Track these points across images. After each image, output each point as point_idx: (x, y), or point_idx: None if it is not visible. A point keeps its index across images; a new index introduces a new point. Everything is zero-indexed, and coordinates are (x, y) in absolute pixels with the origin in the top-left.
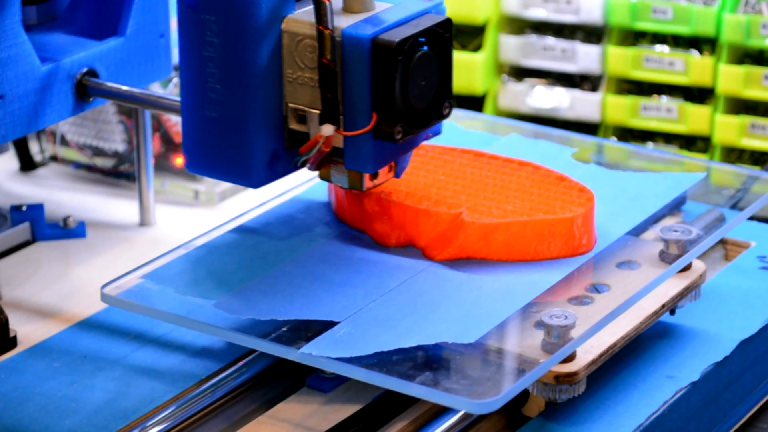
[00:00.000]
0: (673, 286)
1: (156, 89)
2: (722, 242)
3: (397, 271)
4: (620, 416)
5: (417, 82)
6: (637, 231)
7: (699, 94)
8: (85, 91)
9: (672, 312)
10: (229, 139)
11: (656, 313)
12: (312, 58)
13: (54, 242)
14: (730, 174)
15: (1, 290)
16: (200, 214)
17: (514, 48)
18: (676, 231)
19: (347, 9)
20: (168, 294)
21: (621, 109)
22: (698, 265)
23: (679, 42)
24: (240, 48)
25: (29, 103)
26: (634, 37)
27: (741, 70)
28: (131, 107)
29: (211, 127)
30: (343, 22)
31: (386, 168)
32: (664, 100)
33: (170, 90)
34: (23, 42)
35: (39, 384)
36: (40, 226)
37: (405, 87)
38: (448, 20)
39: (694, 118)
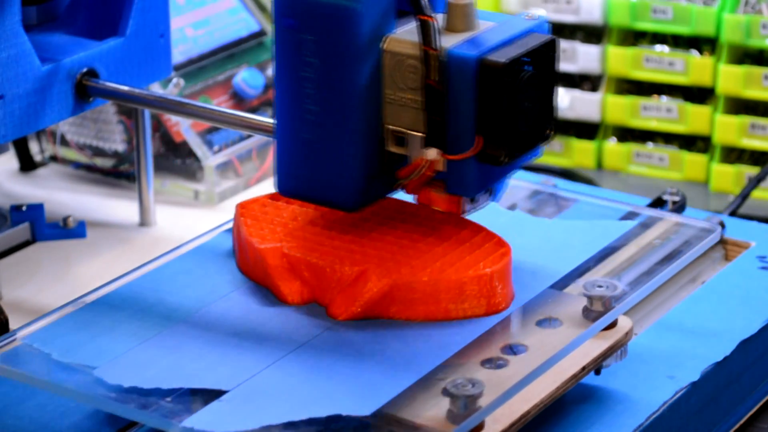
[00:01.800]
0: (596, 346)
1: (156, 89)
2: (722, 242)
3: (297, 332)
4: (620, 416)
5: (523, 103)
6: (561, 285)
7: (699, 94)
8: (85, 91)
9: (597, 372)
10: (325, 161)
11: (576, 376)
12: (414, 78)
13: (54, 242)
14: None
15: (1, 290)
16: (200, 214)
17: None
18: (600, 286)
19: (450, 28)
20: (48, 359)
21: (621, 109)
22: (624, 323)
23: (679, 42)
24: (339, 68)
25: (29, 103)
26: (634, 37)
27: (741, 70)
28: (131, 107)
29: (306, 148)
30: (447, 42)
31: (485, 191)
32: (664, 100)
33: (170, 90)
34: (23, 42)
35: None
36: (40, 226)
37: (511, 109)
38: (553, 40)
39: (694, 118)
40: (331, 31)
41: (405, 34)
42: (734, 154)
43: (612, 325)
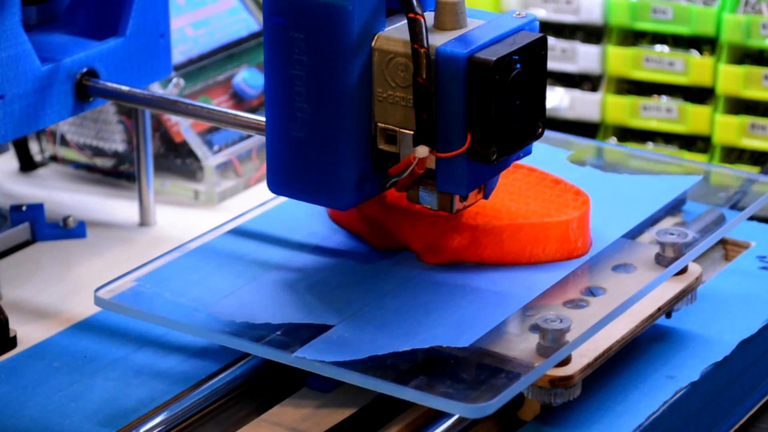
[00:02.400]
0: (669, 289)
1: (156, 89)
2: (722, 242)
3: (392, 274)
4: (620, 416)
5: (512, 101)
6: (633, 234)
7: (699, 94)
8: (85, 91)
9: (668, 315)
10: (316, 160)
11: (652, 317)
12: (404, 76)
13: (54, 242)
14: (728, 176)
15: (1, 290)
16: (200, 214)
17: None
18: (672, 234)
19: (439, 26)
20: (162, 297)
21: (621, 109)
22: (694, 268)
23: (679, 42)
24: (329, 66)
25: (29, 103)
26: (634, 37)
27: (741, 70)
28: (131, 107)
29: (297, 147)
30: (436, 40)
31: (475, 189)
32: (664, 100)
33: (170, 90)
34: (23, 42)
35: (39, 384)
36: (40, 226)
37: (501, 107)
38: (543, 38)
39: (694, 118)
40: (321, 29)
41: (395, 32)
42: (734, 154)
43: (683, 270)
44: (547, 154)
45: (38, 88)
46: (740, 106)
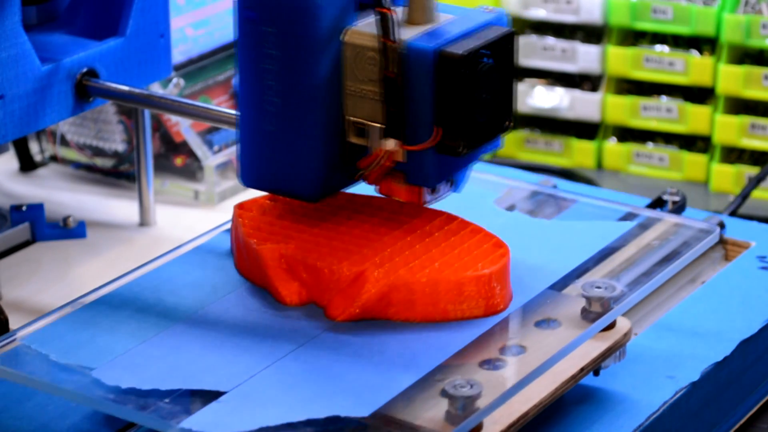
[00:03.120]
0: (594, 347)
1: (156, 89)
2: (722, 242)
3: (295, 333)
4: (620, 416)
5: (481, 95)
6: (560, 286)
7: (699, 94)
8: (85, 91)
9: (596, 373)
10: (287, 153)
11: (575, 377)
12: (373, 70)
13: (54, 242)
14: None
15: (1, 290)
16: (200, 214)
17: None
18: (598, 287)
19: (410, 21)
20: (45, 360)
21: (621, 109)
22: (623, 324)
23: (679, 42)
24: (300, 60)
25: (29, 103)
26: (634, 37)
27: (741, 70)
28: (131, 107)
29: (268, 140)
30: (406, 34)
31: (446, 182)
32: (664, 100)
33: (170, 90)
34: (23, 42)
35: None
36: (40, 226)
37: (469, 100)
38: (512, 32)
39: (694, 118)
40: (291, 24)
41: (365, 26)
42: (734, 154)
43: (611, 326)
44: (474, 197)
45: (38, 88)
46: (740, 106)
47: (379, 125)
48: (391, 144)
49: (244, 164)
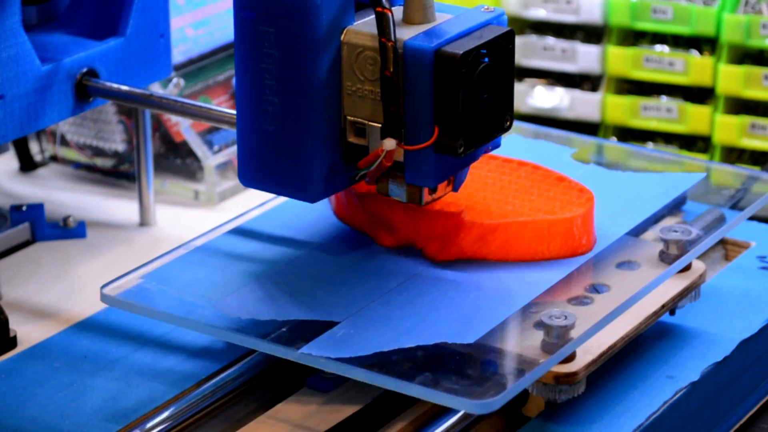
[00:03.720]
0: (672, 287)
1: (156, 89)
2: (722, 242)
3: (397, 271)
4: (620, 416)
5: (479, 94)
6: (637, 231)
7: (699, 94)
8: (85, 91)
9: (672, 312)
10: (286, 153)
11: (656, 314)
12: (372, 70)
13: (54, 242)
14: (730, 174)
15: (1, 290)
16: (200, 214)
17: None
18: (675, 231)
19: (408, 20)
20: (168, 294)
21: (621, 109)
22: (698, 266)
23: (679, 42)
24: (299, 60)
25: (29, 103)
26: (634, 37)
27: (741, 70)
28: (131, 107)
29: (268, 140)
30: (404, 34)
31: (444, 182)
32: (664, 100)
33: (170, 90)
34: (23, 42)
35: (39, 384)
36: (40, 226)
37: (468, 100)
38: (511, 31)
39: (694, 118)
40: (290, 23)
41: (363, 26)
42: (734, 154)
43: (687, 267)
44: (551, 152)
45: (38, 88)
46: (740, 106)
47: (378, 125)
48: (390, 144)
49: (243, 164)
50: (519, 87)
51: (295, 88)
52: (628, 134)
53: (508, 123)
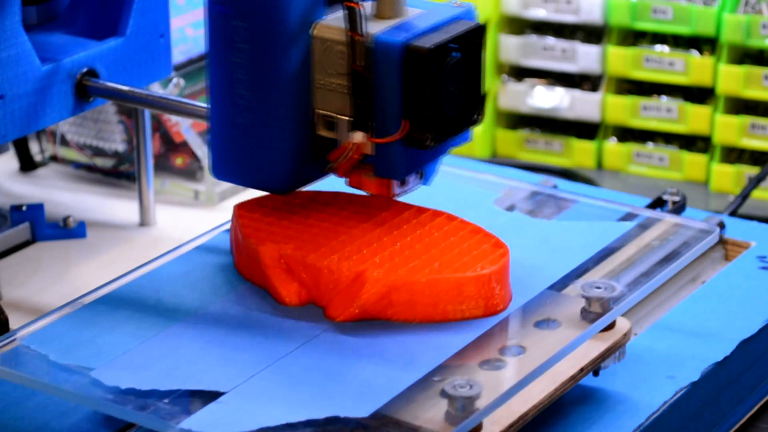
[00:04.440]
0: (594, 348)
1: (156, 89)
2: (722, 242)
3: (295, 333)
4: (620, 416)
5: (448, 88)
6: (559, 286)
7: (699, 94)
8: (85, 91)
9: (596, 373)
10: (257, 146)
11: (574, 378)
12: (342, 64)
13: (54, 242)
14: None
15: (1, 290)
16: (200, 214)
17: (514, 48)
18: (598, 288)
19: (379, 15)
20: (44, 360)
21: (621, 109)
22: (623, 324)
23: (679, 42)
24: (269, 54)
25: (29, 103)
26: (634, 37)
27: (741, 70)
28: (131, 107)
29: (239, 133)
30: (374, 28)
31: (414, 175)
32: (664, 100)
33: (170, 90)
34: (23, 42)
35: None
36: (40, 226)
37: (436, 94)
38: (480, 26)
39: (694, 118)
40: (261, 18)
41: (334, 20)
42: (734, 154)
43: (610, 326)
44: (474, 197)
45: (38, 88)
46: (740, 106)
47: (347, 118)
48: (359, 137)
49: (215, 157)
50: (519, 87)
51: (266, 82)
52: (628, 134)
53: (478, 116)
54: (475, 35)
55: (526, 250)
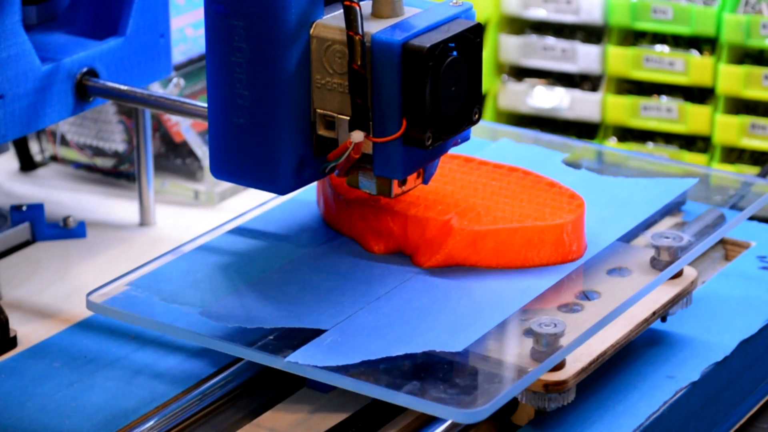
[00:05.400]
0: (664, 294)
1: (156, 89)
2: (722, 242)
3: (386, 278)
4: (620, 416)
5: (447, 87)
6: (629, 237)
7: (699, 94)
8: (85, 91)
9: (663, 319)
10: (256, 145)
11: (647, 321)
12: (341, 63)
13: (54, 242)
14: (726, 180)
15: (1, 290)
16: (200, 214)
17: (514, 48)
18: (666, 237)
19: (376, 14)
20: (154, 301)
21: (621, 109)
22: (690, 272)
23: (679, 42)
24: (268, 53)
25: (29, 103)
26: (634, 37)
27: (741, 70)
28: (131, 107)
29: (238, 132)
30: (372, 28)
31: (414, 174)
32: (664, 100)
33: (170, 90)
34: (23, 42)
35: (39, 384)
36: (40, 226)
37: (435, 93)
38: (479, 25)
39: (694, 118)
40: (259, 17)
41: (332, 20)
42: (734, 154)
43: (678, 274)
44: (543, 157)
45: (38, 88)
46: (740, 106)
47: (346, 118)
48: (358, 136)
49: (214, 156)
50: (519, 87)
51: (265, 82)
52: (628, 134)
53: (477, 116)
54: (474, 34)
55: (596, 205)
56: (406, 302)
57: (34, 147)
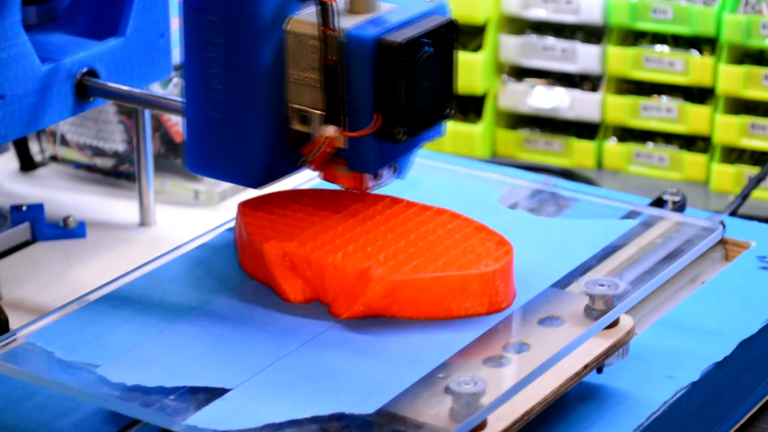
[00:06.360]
0: (597, 345)
1: (156, 89)
2: (722, 242)
3: (299, 331)
4: (620, 416)
5: (420, 83)
6: (563, 284)
7: (699, 94)
8: (85, 91)
9: (599, 370)
10: (231, 140)
11: (578, 374)
12: (315, 58)
13: (54, 242)
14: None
15: (1, 290)
16: (200, 214)
17: (514, 48)
18: (602, 285)
19: (351, 10)
20: (50, 357)
21: (621, 109)
22: (626, 321)
23: (679, 42)
24: (243, 49)
25: (29, 103)
26: (634, 37)
27: (741, 70)
28: (131, 107)
29: (213, 127)
30: (347, 23)
31: (390, 170)
32: (664, 100)
33: (170, 90)
34: (23, 42)
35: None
36: (40, 226)
37: (408, 88)
38: (452, 21)
39: (694, 118)
40: (235, 13)
41: (307, 15)
42: (734, 154)
43: (614, 323)
44: (478, 196)
45: (38, 88)
46: (740, 106)
47: (320, 112)
48: (331, 130)
49: (190, 151)
50: (519, 87)
51: (240, 77)
52: (628, 134)
53: (449, 110)
54: (448, 30)
55: (530, 248)
56: (318, 358)
57: (34, 147)
